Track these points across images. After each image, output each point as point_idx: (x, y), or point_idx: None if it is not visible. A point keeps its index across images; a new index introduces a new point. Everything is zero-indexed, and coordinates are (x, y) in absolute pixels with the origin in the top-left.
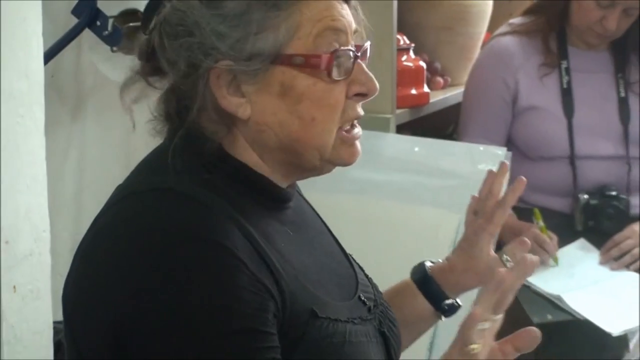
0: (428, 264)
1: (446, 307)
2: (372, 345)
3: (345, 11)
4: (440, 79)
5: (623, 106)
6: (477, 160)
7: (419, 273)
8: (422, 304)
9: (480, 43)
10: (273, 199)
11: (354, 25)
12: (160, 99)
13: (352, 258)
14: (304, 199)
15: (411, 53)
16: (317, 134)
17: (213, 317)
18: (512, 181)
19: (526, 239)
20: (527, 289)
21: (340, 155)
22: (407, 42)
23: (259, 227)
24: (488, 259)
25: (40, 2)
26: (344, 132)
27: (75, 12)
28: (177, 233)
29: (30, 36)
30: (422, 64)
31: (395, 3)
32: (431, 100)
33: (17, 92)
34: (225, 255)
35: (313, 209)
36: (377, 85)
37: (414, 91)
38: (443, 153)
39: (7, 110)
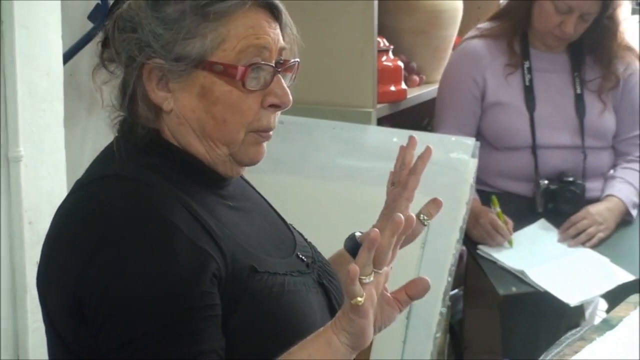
0: (357, 234)
1: None
2: (311, 294)
3: (273, 30)
4: (416, 77)
5: (579, 102)
6: (449, 150)
7: (351, 242)
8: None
9: (452, 45)
10: (210, 178)
11: (281, 43)
12: (116, 86)
13: (292, 226)
14: (245, 180)
15: (390, 54)
16: (227, 133)
17: (154, 281)
18: (480, 169)
19: (439, 199)
20: (494, 264)
21: (248, 153)
22: (387, 44)
23: (198, 201)
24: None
25: (59, 9)
26: (255, 137)
27: (90, 17)
28: (120, 212)
29: (51, 39)
30: (400, 63)
31: (376, 9)
32: (408, 96)
33: (39, 89)
34: (164, 224)
35: (254, 188)
36: (291, 99)
37: (393, 88)
38: (419, 143)
39: (31, 105)
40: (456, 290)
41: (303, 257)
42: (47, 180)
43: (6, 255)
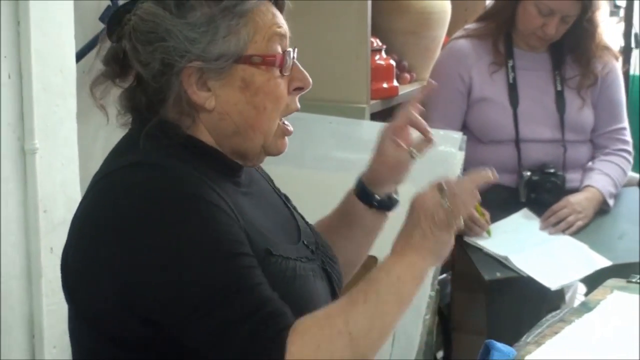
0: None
1: (376, 203)
2: (317, 280)
3: (282, 20)
4: (407, 75)
5: (559, 98)
6: (438, 143)
7: (355, 184)
8: (360, 205)
9: (440, 45)
10: (227, 167)
11: (288, 32)
12: (125, 96)
13: (297, 212)
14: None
15: (383, 53)
16: (266, 121)
17: (205, 248)
18: (466, 161)
19: (432, 136)
20: (480, 250)
21: (278, 145)
22: (380, 44)
23: (220, 188)
24: (394, 152)
25: (72, 11)
26: (285, 127)
27: (102, 18)
28: (156, 191)
29: (64, 39)
30: (392, 62)
31: (369, 11)
32: (400, 93)
33: (53, 86)
34: (201, 201)
35: (262, 175)
36: (311, 80)
37: (385, 85)
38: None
39: (46, 100)
40: (444, 275)
41: (308, 244)
42: (60, 171)
43: (22, 242)
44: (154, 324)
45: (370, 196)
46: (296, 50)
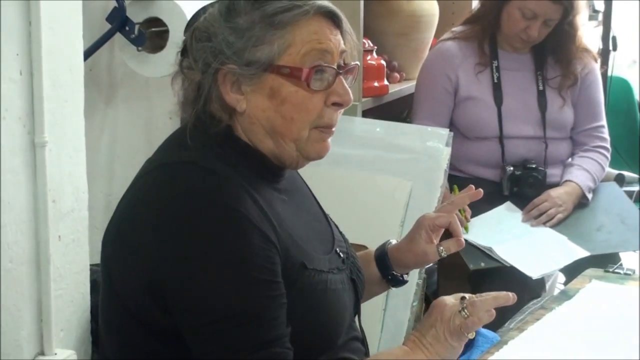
0: (392, 242)
1: (390, 277)
2: (345, 292)
3: (334, 35)
4: (397, 75)
5: (541, 97)
6: (426, 139)
7: (380, 247)
8: (375, 271)
9: (429, 46)
10: (271, 172)
11: (342, 47)
12: (187, 87)
13: (330, 217)
14: (297, 172)
15: (374, 54)
16: (294, 130)
17: (234, 268)
18: (452, 156)
19: (462, 240)
20: (465, 241)
21: (314, 148)
22: (371, 45)
23: (262, 195)
24: (425, 245)
25: (80, 12)
26: (320, 133)
27: (108, 19)
28: (202, 199)
29: (73, 38)
30: (383, 62)
31: (361, 13)
32: (390, 91)
33: (62, 83)
34: (242, 219)
35: (302, 178)
36: (352, 97)
37: (376, 84)
38: (399, 133)
39: (55, 96)
40: (431, 264)
41: (340, 253)
42: (68, 163)
43: (32, 230)
44: (172, 317)
45: (388, 269)
46: (353, 65)
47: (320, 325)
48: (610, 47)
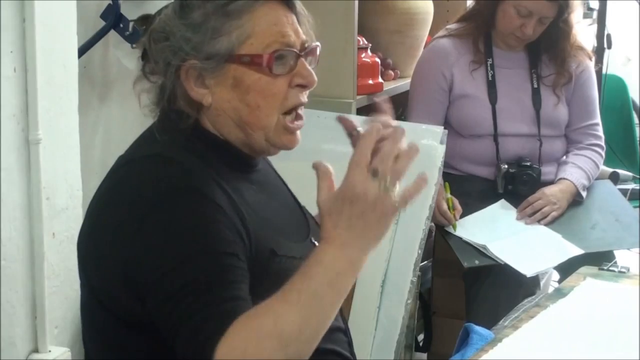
0: None
1: None
2: None
3: (291, 23)
4: (391, 72)
5: (536, 95)
6: (420, 137)
7: None
8: None
9: (423, 44)
10: (242, 163)
11: (302, 37)
12: (152, 88)
13: (306, 210)
14: (270, 164)
15: (369, 51)
16: (262, 118)
17: (200, 241)
18: (447, 154)
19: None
20: (459, 239)
21: (282, 140)
22: (366, 42)
23: (230, 184)
24: None
25: (75, 9)
26: (288, 122)
27: (103, 16)
28: (166, 186)
29: (67, 36)
30: (378, 60)
31: (356, 11)
32: (384, 89)
33: (56, 80)
34: (207, 200)
35: (277, 173)
36: (316, 78)
37: (370, 81)
38: None
39: (49, 93)
40: (425, 262)
41: (315, 242)
42: (62, 160)
43: (26, 227)
44: (142, 302)
45: None
46: (314, 46)
47: None
48: (605, 45)
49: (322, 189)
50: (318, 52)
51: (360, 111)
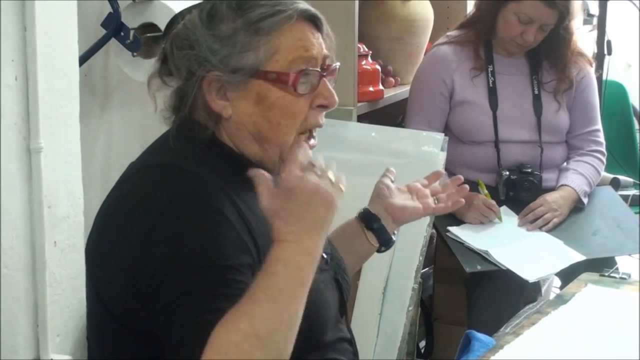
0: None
1: (377, 227)
2: (328, 291)
3: (317, 40)
4: (392, 79)
5: (537, 102)
6: (421, 143)
7: (362, 211)
8: (360, 228)
9: (424, 51)
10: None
11: (325, 52)
12: (170, 94)
13: None
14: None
15: (369, 58)
16: (281, 135)
17: (205, 254)
18: (448, 161)
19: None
20: (461, 245)
21: None
22: (366, 49)
23: (241, 197)
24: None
25: (76, 17)
26: (303, 139)
27: (103, 24)
28: (176, 197)
29: (68, 44)
30: (378, 67)
31: (356, 18)
32: (385, 96)
33: (57, 88)
34: (215, 213)
35: None
36: (337, 99)
37: (371, 89)
38: (394, 137)
39: (50, 102)
40: (427, 269)
41: (323, 254)
42: (64, 168)
43: (27, 235)
44: (144, 309)
45: (373, 220)
46: (334, 67)
47: (303, 324)
48: (605, 51)
49: (262, 193)
50: (337, 73)
51: (361, 119)
